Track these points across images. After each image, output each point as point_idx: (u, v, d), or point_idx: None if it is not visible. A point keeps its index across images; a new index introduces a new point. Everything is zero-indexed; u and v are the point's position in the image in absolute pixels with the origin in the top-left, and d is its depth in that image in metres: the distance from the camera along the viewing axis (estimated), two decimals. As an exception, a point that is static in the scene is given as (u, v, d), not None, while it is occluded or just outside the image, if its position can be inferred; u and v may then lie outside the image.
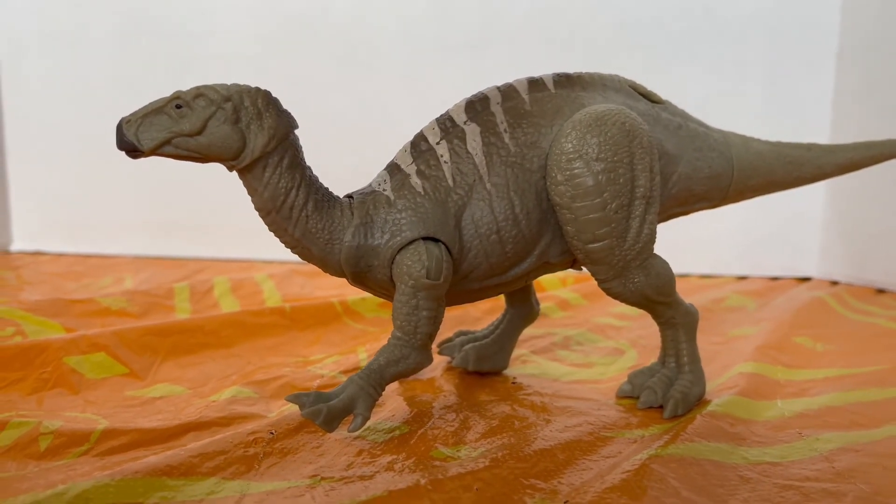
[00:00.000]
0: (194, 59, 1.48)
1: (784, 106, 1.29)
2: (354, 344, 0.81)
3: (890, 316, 1.01)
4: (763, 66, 1.29)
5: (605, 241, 0.55)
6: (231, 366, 0.72)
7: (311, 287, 1.15)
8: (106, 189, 1.54)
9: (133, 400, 0.62)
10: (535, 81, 0.58)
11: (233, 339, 0.78)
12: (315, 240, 0.53)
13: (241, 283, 1.10)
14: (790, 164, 0.69)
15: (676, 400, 0.59)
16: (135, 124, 0.48)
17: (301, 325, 0.85)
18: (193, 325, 0.78)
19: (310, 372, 0.69)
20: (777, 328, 0.88)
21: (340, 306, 0.92)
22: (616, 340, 0.85)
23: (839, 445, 0.53)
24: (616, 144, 0.54)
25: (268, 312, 0.84)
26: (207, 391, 0.64)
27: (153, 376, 0.68)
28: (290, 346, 0.79)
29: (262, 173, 0.50)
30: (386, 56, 1.41)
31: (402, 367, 0.52)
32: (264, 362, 0.73)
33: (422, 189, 0.54)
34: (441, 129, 0.56)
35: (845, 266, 1.30)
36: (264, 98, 0.50)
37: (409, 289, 0.52)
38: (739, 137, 0.68)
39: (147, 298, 0.96)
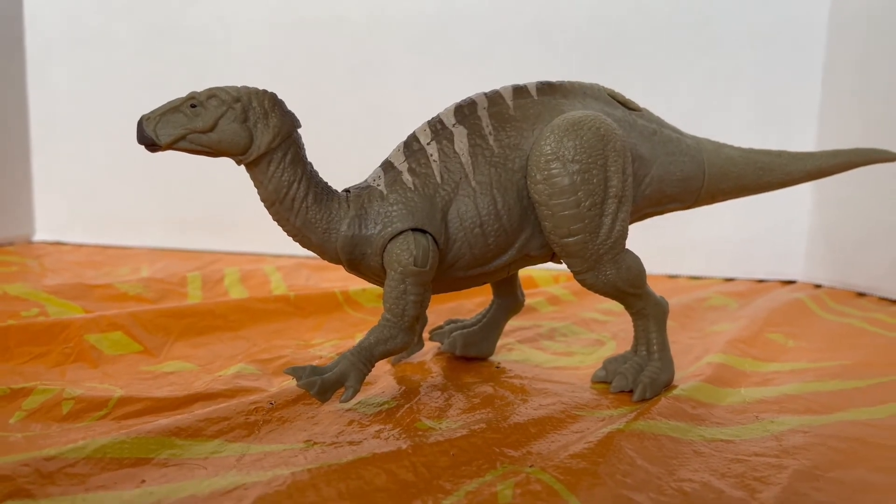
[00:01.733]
0: (212, 62, 1.53)
1: (771, 118, 1.33)
2: (353, 331, 0.86)
3: (864, 317, 1.04)
4: (752, 79, 1.32)
5: (578, 235, 0.59)
6: (237, 346, 0.76)
7: (317, 279, 1.19)
8: (125, 184, 1.60)
9: (147, 374, 0.66)
10: (520, 89, 0.63)
11: (240, 322, 0.83)
12: (314, 229, 0.57)
13: (251, 273, 1.14)
14: (760, 170, 0.73)
15: (645, 384, 0.63)
16: (153, 121, 0.53)
17: (304, 312, 0.90)
18: (204, 308, 0.82)
19: (310, 353, 0.73)
20: (752, 325, 0.91)
21: (342, 296, 0.96)
22: (599, 333, 0.89)
23: (790, 427, 0.57)
24: (591, 147, 0.58)
25: (273, 300, 0.89)
26: (215, 368, 0.69)
27: (166, 354, 0.73)
28: (293, 331, 0.84)
29: (266, 168, 0.55)
30: (397, 64, 1.46)
31: (389, 345, 0.57)
32: (268, 344, 0.78)
33: (412, 185, 0.58)
34: (432, 130, 0.60)
35: (829, 270, 1.33)
36: (270, 99, 0.55)
37: (398, 275, 0.56)
38: (712, 143, 0.72)
39: (162, 285, 1.00)
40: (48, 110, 1.63)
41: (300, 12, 1.50)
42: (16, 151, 1.60)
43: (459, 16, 1.44)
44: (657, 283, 1.28)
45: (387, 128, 1.49)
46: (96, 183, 1.62)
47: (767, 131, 1.33)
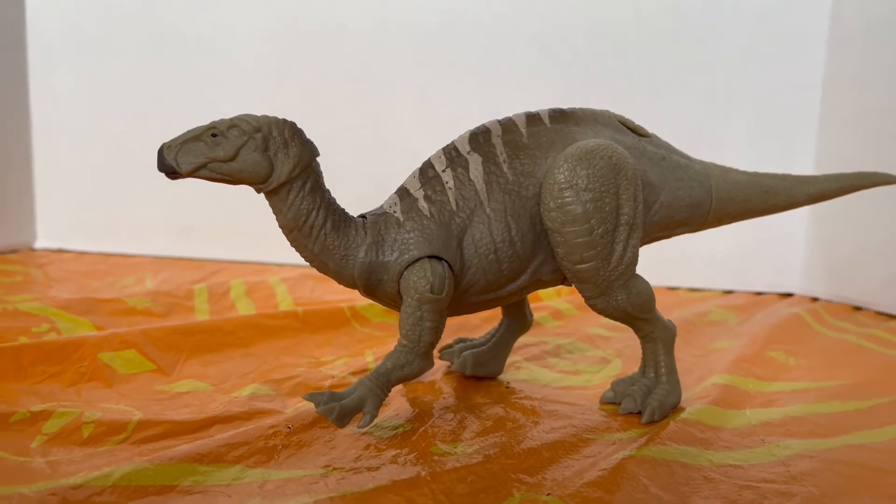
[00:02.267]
0: (213, 71, 1.53)
1: (770, 134, 1.34)
2: (362, 347, 0.87)
3: (861, 333, 1.06)
4: (751, 95, 1.34)
5: (591, 262, 0.60)
6: (249, 364, 0.77)
7: (322, 291, 1.20)
8: (127, 191, 1.60)
9: (162, 394, 0.67)
10: (533, 116, 0.64)
11: (250, 339, 0.84)
12: (332, 255, 0.58)
13: (256, 286, 1.15)
14: (765, 194, 0.74)
15: (653, 407, 0.65)
16: (174, 149, 0.54)
17: (312, 328, 0.91)
18: (214, 325, 0.83)
19: (321, 372, 0.74)
20: (753, 342, 0.93)
21: (349, 311, 0.97)
22: (603, 350, 0.90)
23: (797, 452, 0.58)
24: (603, 176, 0.59)
25: (282, 315, 0.90)
26: (228, 387, 0.69)
27: (178, 372, 0.73)
28: (303, 348, 0.85)
29: (286, 196, 0.56)
30: (398, 75, 1.47)
31: (406, 371, 0.57)
32: (279, 362, 0.78)
33: (428, 212, 0.59)
34: (447, 157, 0.61)
35: (825, 284, 1.35)
36: (290, 129, 0.56)
37: (414, 301, 0.57)
38: (719, 168, 0.73)
39: (169, 299, 1.01)
40: (50, 116, 1.63)
41: (302, 22, 1.51)
42: (17, 157, 1.60)
43: (461, 27, 1.45)
44: (658, 294, 1.29)
45: (387, 138, 1.50)
46: (98, 189, 1.62)
47: (767, 146, 1.34)
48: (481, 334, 0.88)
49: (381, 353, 0.81)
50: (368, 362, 0.78)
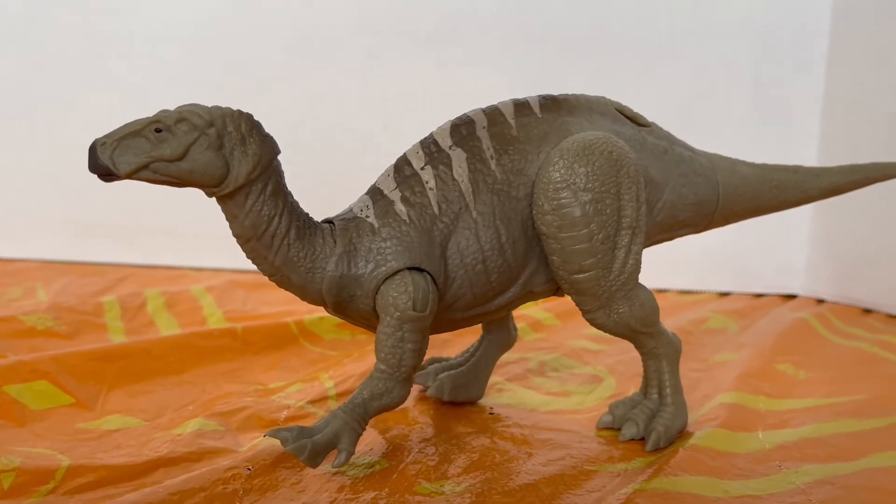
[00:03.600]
0: (119, 39, 1.51)
1: (772, 110, 1.41)
2: (315, 370, 0.88)
3: (874, 340, 1.13)
4: (751, 67, 1.41)
5: (590, 271, 0.63)
6: (185, 394, 0.78)
7: (255, 302, 1.21)
8: (7, 181, 1.56)
9: (86, 433, 0.67)
10: (522, 105, 0.67)
11: (182, 364, 0.84)
12: (296, 268, 0.60)
13: (177, 297, 1.15)
14: (776, 189, 0.79)
15: (659, 433, 0.69)
16: (110, 147, 0.55)
17: (254, 349, 0.92)
18: (139, 348, 0.84)
19: (274, 402, 0.75)
20: (759, 354, 0.99)
21: (296, 327, 0.98)
22: (593, 366, 0.94)
23: (817, 478, 0.63)
24: (603, 174, 0.63)
25: (218, 334, 0.91)
26: (166, 423, 0.71)
27: (102, 406, 0.74)
28: (246, 372, 0.86)
29: (244, 200, 0.57)
30: (342, 45, 1.48)
31: (385, 400, 0.60)
32: (220, 390, 0.80)
33: (407, 217, 0.61)
34: (426, 153, 0.64)
35: (832, 284, 1.43)
36: (248, 122, 0.57)
37: (394, 321, 0.59)
38: (725, 161, 0.77)
39: (74, 316, 1.00)
40: None
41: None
42: None
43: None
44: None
45: (328, 118, 1.51)
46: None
47: (766, 128, 1.41)
48: (456, 352, 0.90)
49: (340, 377, 0.83)
50: (328, 388, 0.80)
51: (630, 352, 1.01)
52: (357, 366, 0.88)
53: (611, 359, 0.98)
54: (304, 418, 0.72)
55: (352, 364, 0.90)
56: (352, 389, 0.80)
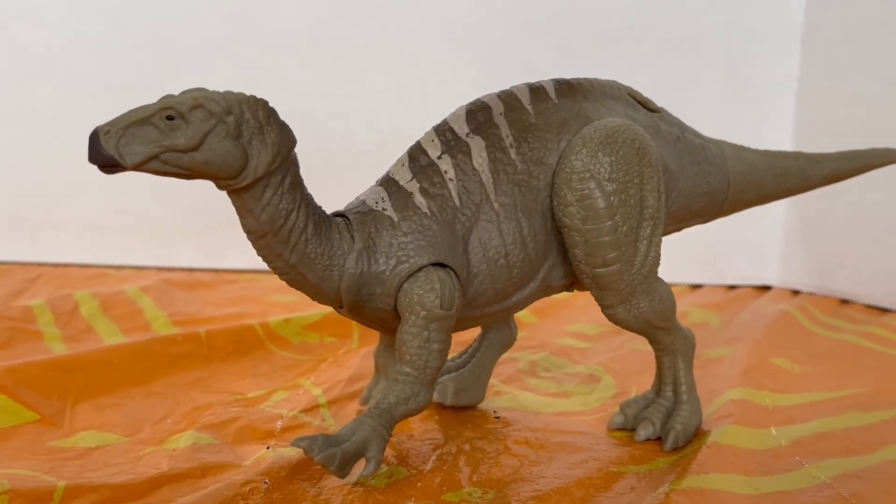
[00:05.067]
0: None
1: (745, 90, 1.50)
2: (292, 376, 0.91)
3: (858, 331, 1.23)
4: (723, 45, 1.49)
5: (614, 265, 0.68)
6: (158, 406, 0.80)
7: (198, 303, 1.22)
8: None
9: (64, 452, 0.69)
10: (537, 90, 0.71)
11: (148, 373, 0.86)
12: (313, 266, 0.63)
13: (112, 299, 1.15)
14: (780, 176, 0.87)
15: (677, 432, 0.75)
16: (115, 135, 0.56)
17: (221, 354, 0.94)
18: (99, 358, 0.85)
19: (264, 412, 0.78)
20: (753, 349, 1.06)
21: (262, 330, 1.01)
22: (586, 365, 1.00)
23: (840, 472, 0.71)
24: (627, 163, 0.68)
25: (181, 340, 0.92)
26: (148, 438, 0.72)
27: (70, 423, 0.75)
28: (216, 381, 0.88)
29: (261, 193, 0.60)
30: (282, 11, 1.49)
31: (412, 405, 0.64)
32: (195, 401, 0.82)
33: (427, 209, 0.65)
34: (442, 141, 0.68)
35: (807, 275, 1.53)
36: (265, 109, 0.60)
37: (420, 320, 0.63)
38: (732, 148, 0.84)
39: (2, 322, 1.00)
40: None
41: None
42: None
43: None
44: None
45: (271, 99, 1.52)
46: None
47: (739, 108, 1.50)
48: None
49: (327, 384, 0.87)
50: (317, 396, 0.83)
51: (620, 349, 1.08)
52: (339, 371, 0.91)
53: (602, 356, 1.04)
54: (301, 428, 0.75)
55: (332, 369, 0.93)
56: (343, 396, 0.84)
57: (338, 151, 1.42)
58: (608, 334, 1.17)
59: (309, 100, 1.49)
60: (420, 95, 1.50)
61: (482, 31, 1.50)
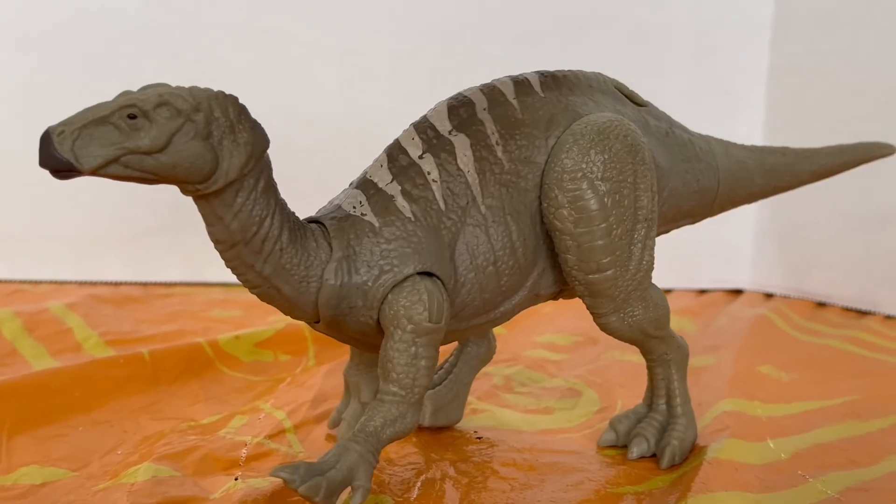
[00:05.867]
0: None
1: (714, 79, 1.53)
2: (248, 399, 0.90)
3: (840, 335, 1.27)
4: (691, 33, 1.52)
5: (608, 270, 0.69)
6: (104, 436, 0.78)
7: (131, 321, 1.19)
8: None
9: (4, 491, 0.66)
10: (521, 83, 0.71)
11: (89, 400, 0.84)
12: (288, 277, 0.62)
13: (36, 317, 1.12)
14: (768, 173, 0.88)
15: (674, 448, 0.75)
16: (70, 137, 0.54)
17: (168, 377, 0.92)
18: (34, 384, 0.82)
19: (224, 439, 0.77)
20: (738, 357, 1.09)
21: (210, 349, 0.99)
22: (564, 378, 1.01)
23: (846, 486, 0.72)
24: (621, 162, 0.69)
25: (123, 362, 0.90)
26: (98, 472, 0.70)
27: (9, 457, 0.72)
28: (166, 406, 0.86)
29: (233, 199, 0.58)
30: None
31: (399, 427, 0.63)
32: (145, 429, 0.80)
33: (411, 214, 0.64)
34: (423, 139, 0.67)
35: (780, 277, 1.57)
36: (235, 106, 0.58)
37: (407, 335, 0.62)
38: (720, 144, 0.85)
39: (-86, 346, 0.96)
40: None
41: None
42: None
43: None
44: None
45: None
46: None
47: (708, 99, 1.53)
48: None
49: (289, 407, 0.85)
50: (281, 420, 0.82)
51: (597, 360, 1.09)
52: (300, 392, 0.90)
53: (578, 369, 1.05)
54: (268, 456, 0.74)
55: (291, 390, 0.92)
56: (309, 420, 0.83)
57: (276, 150, 1.40)
58: (581, 344, 1.18)
59: (244, 93, 1.47)
60: (368, 88, 1.49)
61: (435, 16, 1.50)
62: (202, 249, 1.46)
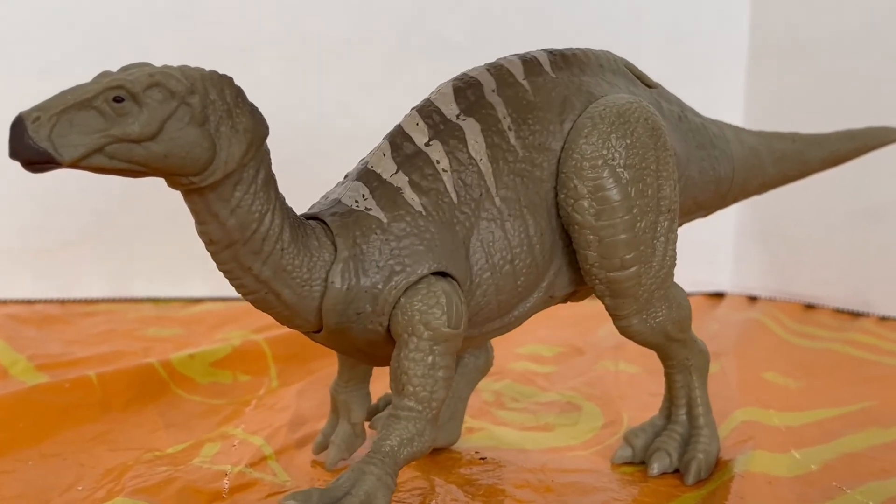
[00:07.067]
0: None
1: (691, 66, 1.55)
2: (211, 425, 0.88)
3: (839, 339, 1.30)
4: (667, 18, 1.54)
5: (632, 267, 0.69)
6: (60, 471, 0.76)
7: (59, 342, 1.17)
8: None
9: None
10: (530, 62, 0.71)
11: (36, 430, 0.82)
12: (290, 281, 0.60)
13: (-50, 341, 1.09)
14: (779, 161, 0.90)
15: (699, 462, 0.76)
16: (47, 123, 0.52)
17: (119, 403, 0.90)
18: (-26, 413, 0.80)
19: (202, 469, 0.75)
20: (740, 364, 1.11)
21: (164, 370, 0.97)
22: (558, 392, 1.01)
23: (887, 496, 0.74)
24: (643, 147, 0.69)
25: (70, 387, 0.88)
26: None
27: (-45, 495, 0.70)
28: (121, 435, 0.84)
29: (231, 193, 0.57)
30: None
31: (416, 446, 0.62)
32: (103, 462, 0.78)
33: (421, 207, 0.64)
34: (428, 124, 0.67)
35: (764, 278, 1.60)
36: (232, 88, 0.57)
37: (424, 342, 0.61)
38: (732, 129, 0.86)
39: None
40: None
41: None
42: None
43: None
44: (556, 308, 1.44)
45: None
46: None
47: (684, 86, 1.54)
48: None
49: (265, 431, 0.84)
50: (260, 447, 0.80)
51: (589, 371, 1.10)
52: (272, 415, 0.89)
53: (571, 381, 1.06)
54: (253, 486, 0.73)
55: (261, 414, 0.91)
56: (290, 445, 0.81)
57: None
58: (566, 355, 1.19)
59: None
60: (314, 77, 1.48)
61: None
62: (127, 261, 1.49)
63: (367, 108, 1.43)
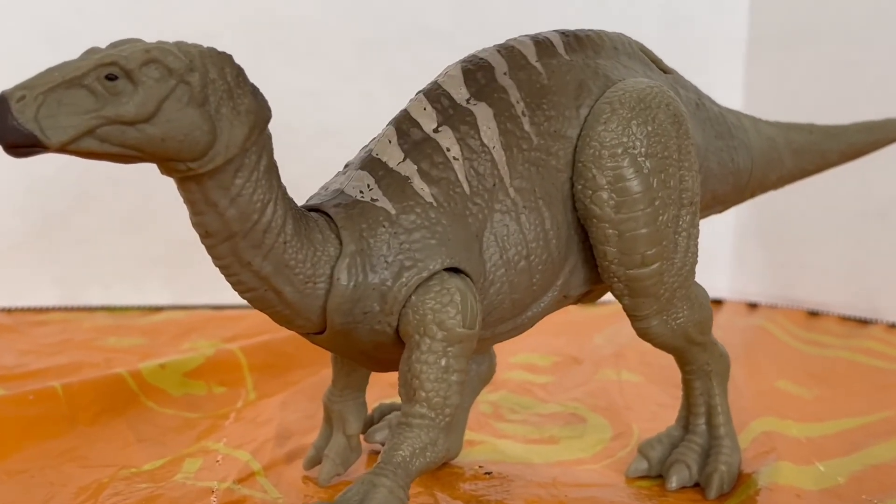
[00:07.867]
0: None
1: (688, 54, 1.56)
2: (189, 440, 0.87)
3: (848, 346, 1.32)
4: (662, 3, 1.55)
5: (654, 264, 0.69)
6: (29, 489, 0.74)
7: (12, 352, 1.16)
8: None
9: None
10: (542, 43, 0.71)
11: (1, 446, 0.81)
12: (292, 277, 0.59)
13: None
14: (797, 153, 0.90)
15: (722, 474, 0.75)
16: (33, 103, 0.50)
17: (87, 416, 0.89)
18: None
19: (186, 486, 0.74)
20: (751, 373, 1.12)
21: (133, 381, 0.96)
22: (559, 403, 1.01)
23: (919, 508, 0.75)
24: (665, 135, 0.69)
25: (34, 399, 0.87)
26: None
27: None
28: (91, 450, 0.84)
29: (231, 180, 0.56)
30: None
31: (430, 456, 0.61)
32: (74, 479, 0.77)
33: (432, 198, 0.63)
34: (437, 109, 0.66)
35: (765, 284, 1.61)
36: (232, 66, 0.56)
37: (438, 344, 0.61)
38: (749, 119, 0.87)
39: None
40: None
41: None
42: None
43: None
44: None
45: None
46: None
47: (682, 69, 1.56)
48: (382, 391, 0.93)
49: (251, 446, 0.84)
50: (246, 461, 0.79)
51: (589, 381, 1.10)
52: (256, 429, 0.89)
53: (572, 392, 1.05)
54: (241, 502, 0.72)
55: (242, 427, 0.90)
56: (279, 460, 0.81)
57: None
58: (562, 364, 1.19)
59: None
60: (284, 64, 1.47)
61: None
62: (81, 267, 1.46)
63: (341, 98, 1.43)
